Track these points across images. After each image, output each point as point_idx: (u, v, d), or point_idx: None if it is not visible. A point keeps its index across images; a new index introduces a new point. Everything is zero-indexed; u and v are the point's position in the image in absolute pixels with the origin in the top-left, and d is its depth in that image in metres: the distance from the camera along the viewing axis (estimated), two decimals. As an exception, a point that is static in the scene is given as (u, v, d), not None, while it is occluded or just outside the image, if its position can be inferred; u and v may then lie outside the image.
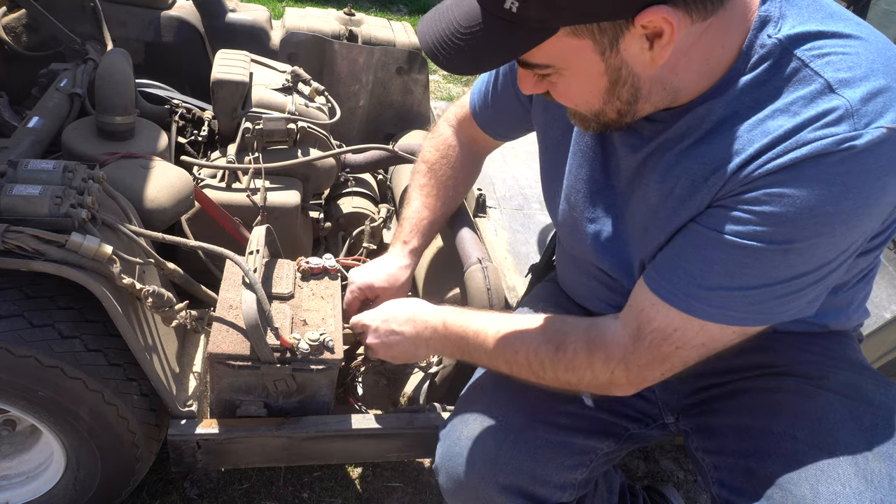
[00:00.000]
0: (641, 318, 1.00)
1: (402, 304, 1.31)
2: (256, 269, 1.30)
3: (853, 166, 0.81)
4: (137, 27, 2.04)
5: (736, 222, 0.88)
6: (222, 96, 1.74)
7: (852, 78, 0.83)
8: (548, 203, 1.30)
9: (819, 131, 0.82)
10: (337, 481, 1.79)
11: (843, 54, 0.84)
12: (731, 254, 0.89)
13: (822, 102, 0.83)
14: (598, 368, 1.05)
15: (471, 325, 1.18)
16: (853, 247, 0.90)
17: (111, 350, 1.24)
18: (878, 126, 0.80)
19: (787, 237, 0.85)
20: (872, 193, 0.83)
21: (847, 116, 0.81)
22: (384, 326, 1.28)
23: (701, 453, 1.16)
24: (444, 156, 1.52)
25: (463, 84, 4.59)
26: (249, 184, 1.65)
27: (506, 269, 1.76)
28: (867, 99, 0.82)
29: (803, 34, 0.86)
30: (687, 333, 0.96)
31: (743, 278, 0.90)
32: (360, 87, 2.25)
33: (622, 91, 0.90)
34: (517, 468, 1.16)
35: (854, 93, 0.82)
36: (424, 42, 0.89)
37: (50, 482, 1.39)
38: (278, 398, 1.34)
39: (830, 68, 0.83)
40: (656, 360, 1.00)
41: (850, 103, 0.81)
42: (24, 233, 1.06)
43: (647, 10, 0.78)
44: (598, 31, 0.81)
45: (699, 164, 0.92)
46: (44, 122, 1.51)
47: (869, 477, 0.97)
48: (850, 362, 1.15)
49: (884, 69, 0.84)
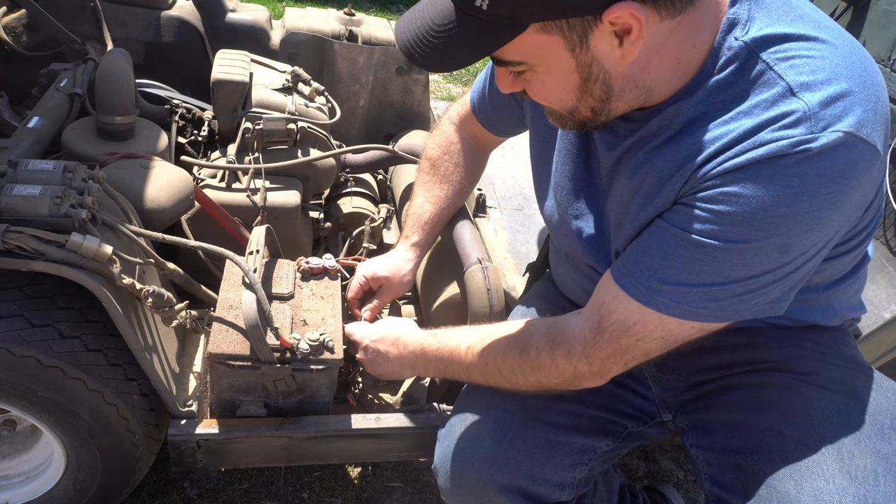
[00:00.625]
0: (602, 311, 1.02)
1: (392, 325, 1.37)
2: (256, 269, 1.30)
3: (808, 169, 0.82)
4: (137, 27, 2.04)
5: (694, 220, 0.89)
6: (222, 96, 1.74)
7: (813, 81, 0.84)
8: (538, 199, 1.32)
9: (776, 133, 0.83)
10: (337, 481, 1.79)
11: (807, 57, 0.85)
12: (690, 251, 0.90)
13: (782, 105, 0.84)
14: (561, 365, 1.08)
15: (445, 346, 1.24)
16: (813, 250, 0.91)
17: (111, 350, 1.24)
18: (834, 130, 0.81)
19: (742, 236, 0.86)
20: (829, 197, 0.84)
21: (804, 119, 0.82)
22: (373, 346, 1.36)
23: (695, 450, 1.18)
24: (447, 152, 1.54)
25: (463, 84, 4.60)
26: (249, 184, 1.65)
27: (506, 269, 1.76)
28: (826, 103, 0.82)
29: (770, 36, 0.87)
30: (646, 326, 0.98)
31: (701, 275, 0.91)
32: (360, 87, 2.25)
33: (594, 88, 0.91)
34: (516, 468, 1.17)
35: (814, 96, 0.83)
36: (401, 40, 0.91)
37: (50, 482, 1.39)
38: (278, 398, 1.34)
39: (793, 72, 0.85)
40: (617, 351, 1.02)
41: (809, 106, 0.82)
42: (24, 233, 1.07)
43: (614, 6, 0.79)
44: (567, 27, 0.83)
45: (666, 162, 0.94)
46: (44, 122, 1.51)
47: (853, 473, 0.97)
48: (843, 358, 1.16)
49: (847, 73, 0.85)
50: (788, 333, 1.17)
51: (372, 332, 1.37)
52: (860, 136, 0.82)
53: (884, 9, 2.13)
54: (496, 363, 1.16)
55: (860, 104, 0.84)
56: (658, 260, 0.94)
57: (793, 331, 1.17)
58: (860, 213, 0.96)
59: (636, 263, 0.97)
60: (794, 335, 1.17)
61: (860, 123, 0.83)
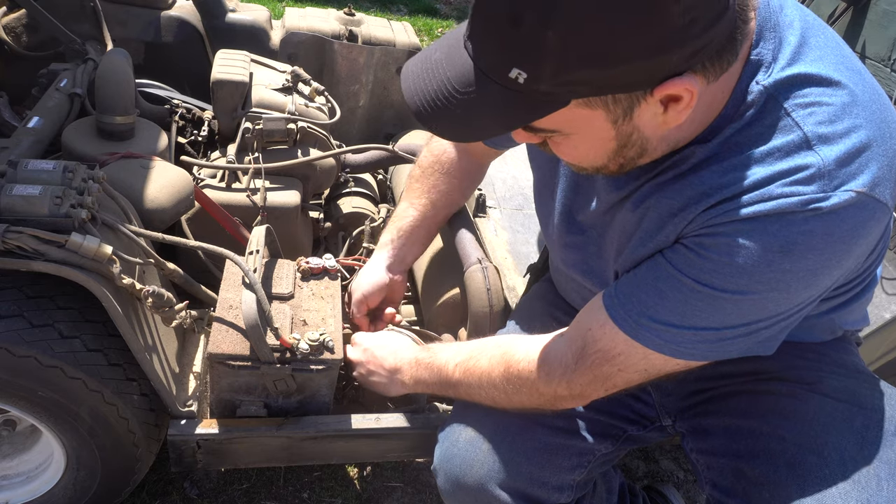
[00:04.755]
0: (587, 338, 1.00)
1: (388, 346, 1.36)
2: (256, 269, 1.30)
3: (816, 227, 0.80)
4: (137, 27, 2.04)
5: (694, 264, 0.87)
6: (222, 96, 1.74)
7: (832, 134, 0.80)
8: (541, 221, 1.29)
9: (788, 188, 0.80)
10: (337, 481, 1.79)
11: (827, 105, 0.82)
12: (685, 293, 0.88)
13: (797, 157, 0.81)
14: (541, 387, 1.07)
15: (434, 365, 1.24)
16: (810, 299, 0.90)
17: (111, 350, 1.24)
18: (847, 189, 0.79)
19: (741, 287, 0.84)
20: (834, 256, 0.82)
21: (818, 177, 0.79)
22: (367, 367, 1.36)
23: (695, 454, 1.17)
24: (438, 161, 1.51)
25: (463, 84, 4.58)
26: (249, 184, 1.65)
27: (506, 269, 1.76)
28: (843, 160, 0.80)
29: (791, 79, 0.83)
30: (630, 358, 0.96)
31: (693, 318, 0.89)
32: (360, 87, 2.25)
33: (629, 151, 0.87)
34: (515, 470, 1.17)
35: (831, 151, 0.80)
36: (412, 100, 0.82)
37: (50, 482, 1.39)
38: (278, 398, 1.34)
39: (812, 120, 0.81)
40: (598, 378, 1.01)
41: (824, 163, 0.79)
42: (24, 233, 1.06)
43: (669, 83, 0.74)
44: (613, 101, 0.77)
45: (669, 200, 0.90)
46: (44, 122, 1.51)
47: (856, 477, 0.97)
48: (846, 366, 1.15)
49: (867, 123, 0.82)
50: (790, 345, 1.15)
51: (366, 355, 1.37)
52: (873, 195, 0.80)
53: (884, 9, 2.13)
54: (480, 385, 1.15)
55: (877, 160, 0.81)
56: (651, 297, 0.92)
57: (795, 343, 1.16)
58: (863, 259, 0.93)
59: (629, 296, 0.95)
60: (795, 346, 1.15)
61: (874, 182, 0.80)
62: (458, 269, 1.58)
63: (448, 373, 1.21)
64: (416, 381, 1.28)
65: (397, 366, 1.31)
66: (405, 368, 1.29)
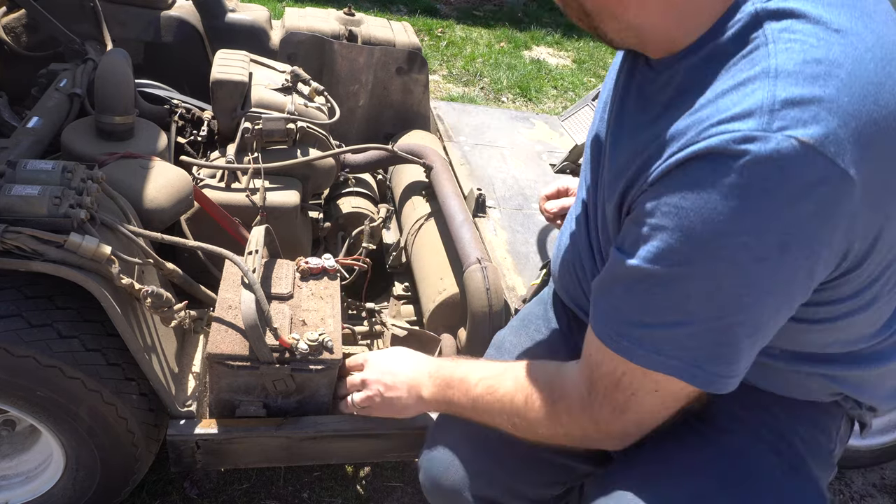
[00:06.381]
0: (591, 363, 0.91)
1: (402, 359, 1.22)
2: (255, 269, 1.30)
3: (752, 178, 0.67)
4: (137, 27, 2.04)
5: (636, 240, 0.78)
6: (222, 96, 1.74)
7: (799, 73, 0.68)
8: None
9: (722, 125, 0.69)
10: (337, 481, 1.79)
11: (810, 46, 0.70)
12: (643, 282, 0.79)
13: (746, 88, 0.70)
14: (565, 422, 0.95)
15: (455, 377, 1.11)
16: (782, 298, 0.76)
17: (110, 350, 1.24)
18: (789, 134, 0.66)
19: (682, 258, 0.74)
20: (782, 222, 0.69)
21: (759, 113, 0.67)
22: (383, 383, 1.22)
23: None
24: None
25: (463, 84, 4.59)
26: (249, 184, 1.65)
27: (505, 269, 1.76)
28: (794, 102, 0.67)
29: (784, 10, 0.72)
30: (635, 379, 0.84)
31: (657, 312, 0.79)
32: (360, 87, 2.25)
33: None
34: (492, 479, 1.15)
35: (787, 89, 0.68)
36: None
37: (49, 482, 1.39)
38: (277, 398, 1.34)
39: (784, 55, 0.70)
40: (616, 409, 0.89)
41: (773, 98, 0.67)
42: (22, 233, 1.06)
43: None
44: None
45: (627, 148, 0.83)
46: (43, 123, 1.51)
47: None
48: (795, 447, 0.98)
49: (849, 80, 0.69)
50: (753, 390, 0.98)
51: (375, 386, 1.22)
52: (824, 153, 0.66)
53: (884, 8, 2.12)
54: (502, 414, 1.02)
55: (840, 117, 0.67)
56: (618, 296, 0.84)
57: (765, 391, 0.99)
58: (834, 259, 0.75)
59: (598, 304, 0.87)
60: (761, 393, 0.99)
61: (828, 139, 0.66)
62: (458, 269, 1.58)
63: (470, 386, 1.07)
64: (437, 396, 1.14)
65: (416, 378, 1.16)
66: (424, 381, 1.15)
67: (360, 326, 1.82)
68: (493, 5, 6.32)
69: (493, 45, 5.32)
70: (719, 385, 0.81)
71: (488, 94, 4.53)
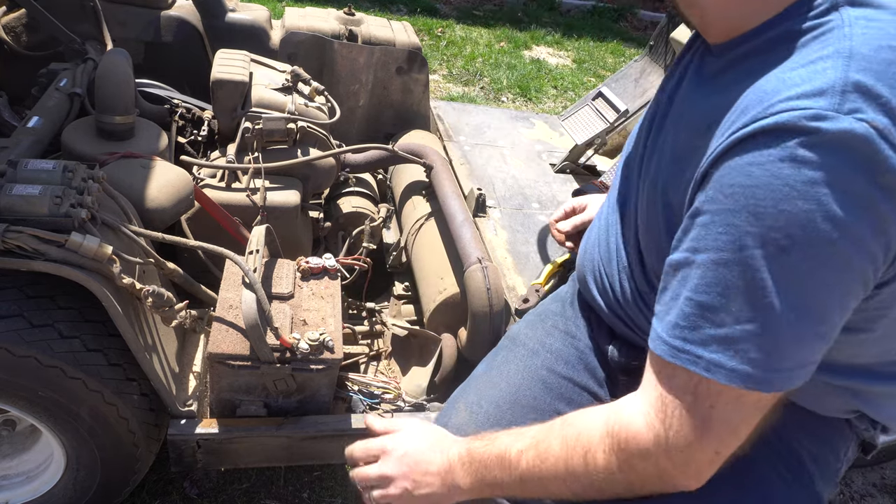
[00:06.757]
0: (659, 384, 0.81)
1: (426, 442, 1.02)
2: (256, 268, 1.30)
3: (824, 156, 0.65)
4: (137, 27, 2.04)
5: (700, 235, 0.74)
6: (222, 96, 1.74)
7: (873, 57, 0.67)
8: None
9: (791, 101, 0.67)
10: (337, 481, 1.79)
11: (887, 34, 0.69)
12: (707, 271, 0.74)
13: (817, 66, 0.68)
14: (640, 467, 0.83)
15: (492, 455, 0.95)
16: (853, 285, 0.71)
17: (111, 350, 1.24)
18: (860, 117, 0.64)
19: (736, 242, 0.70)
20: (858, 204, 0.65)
21: (830, 92, 0.66)
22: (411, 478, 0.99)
23: None
24: None
25: (463, 84, 4.59)
26: (249, 184, 1.65)
27: (506, 268, 1.76)
28: (871, 88, 0.65)
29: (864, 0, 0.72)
30: (712, 388, 0.76)
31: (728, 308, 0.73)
32: (360, 87, 2.25)
33: None
34: None
35: (860, 72, 0.66)
36: None
37: (50, 482, 1.39)
38: (278, 398, 1.34)
39: (861, 38, 0.68)
40: (696, 429, 0.78)
41: (847, 79, 0.66)
42: (23, 233, 1.06)
43: None
44: None
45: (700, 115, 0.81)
46: (43, 122, 1.51)
47: None
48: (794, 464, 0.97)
49: None
50: None
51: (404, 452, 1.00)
52: (892, 140, 0.65)
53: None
54: (556, 472, 0.89)
55: None
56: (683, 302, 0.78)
57: None
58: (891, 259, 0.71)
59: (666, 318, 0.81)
60: None
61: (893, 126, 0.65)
62: (458, 269, 1.58)
63: (512, 463, 0.92)
64: (476, 483, 0.96)
65: (448, 466, 0.97)
66: (457, 468, 0.97)
67: (360, 326, 1.82)
68: (493, 5, 6.32)
69: (492, 44, 5.32)
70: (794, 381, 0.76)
71: (488, 94, 4.53)
